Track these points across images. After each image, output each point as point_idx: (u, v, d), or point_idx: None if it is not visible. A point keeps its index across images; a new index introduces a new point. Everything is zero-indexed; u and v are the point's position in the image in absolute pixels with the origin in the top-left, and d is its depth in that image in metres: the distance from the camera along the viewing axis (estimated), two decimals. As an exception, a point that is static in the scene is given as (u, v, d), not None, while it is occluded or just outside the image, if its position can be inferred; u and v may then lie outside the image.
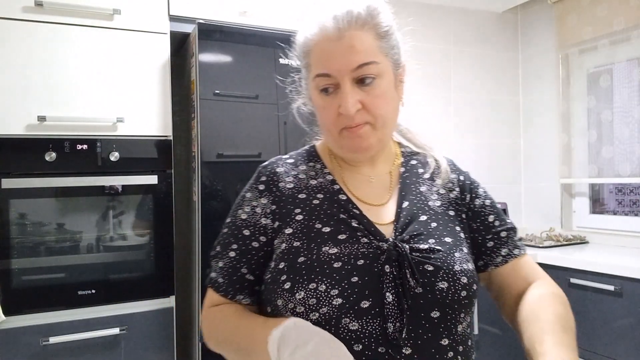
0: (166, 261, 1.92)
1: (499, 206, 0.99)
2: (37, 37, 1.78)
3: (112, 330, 1.80)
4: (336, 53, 0.79)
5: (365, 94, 0.80)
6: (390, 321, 0.74)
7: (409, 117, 1.10)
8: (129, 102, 1.89)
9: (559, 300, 0.86)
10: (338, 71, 0.79)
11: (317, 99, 0.84)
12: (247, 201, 0.89)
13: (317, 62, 0.82)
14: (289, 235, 0.82)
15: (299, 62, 0.88)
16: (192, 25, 1.99)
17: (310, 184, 0.89)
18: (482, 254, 0.92)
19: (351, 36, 0.79)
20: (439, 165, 0.97)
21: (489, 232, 0.93)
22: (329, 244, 0.79)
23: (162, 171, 1.93)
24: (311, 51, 0.83)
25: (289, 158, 0.94)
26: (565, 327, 0.78)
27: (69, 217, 1.81)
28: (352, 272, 0.76)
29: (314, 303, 0.74)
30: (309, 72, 0.85)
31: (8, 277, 1.71)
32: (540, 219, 3.03)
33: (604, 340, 2.07)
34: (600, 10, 2.61)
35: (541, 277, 0.92)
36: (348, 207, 0.85)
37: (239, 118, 1.97)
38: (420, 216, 0.87)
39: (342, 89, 0.80)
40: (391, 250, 0.79)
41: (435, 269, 0.79)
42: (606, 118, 2.66)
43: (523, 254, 0.94)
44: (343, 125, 0.82)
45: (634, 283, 1.96)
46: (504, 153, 3.15)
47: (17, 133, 1.75)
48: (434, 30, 2.96)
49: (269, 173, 0.90)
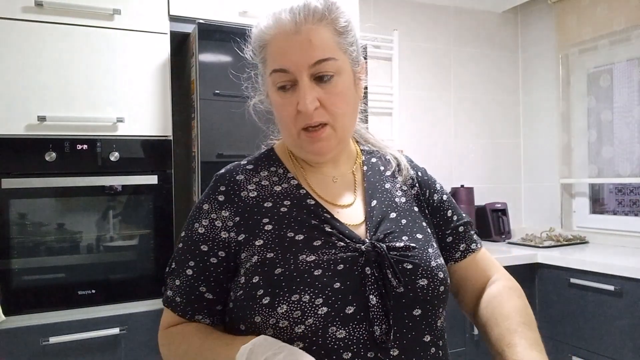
0: (166, 261, 1.91)
1: (454, 200, 1.00)
2: (37, 37, 1.78)
3: (112, 330, 1.80)
4: (293, 48, 0.76)
5: (324, 91, 0.77)
6: (376, 324, 0.73)
7: (409, 117, 1.09)
8: (129, 102, 1.89)
9: (517, 294, 0.88)
10: (295, 66, 0.76)
11: (274, 96, 0.81)
12: (204, 213, 0.82)
13: (274, 57, 0.78)
14: (260, 247, 0.77)
15: (255, 57, 0.84)
16: (192, 25, 1.99)
17: (275, 191, 0.84)
18: (441, 250, 0.92)
19: (308, 30, 0.76)
20: (399, 162, 0.96)
21: (448, 227, 0.93)
22: (305, 252, 0.76)
23: (162, 171, 1.93)
24: (267, 45, 0.79)
25: (247, 164, 0.89)
26: (527, 323, 0.80)
27: (69, 217, 1.81)
28: (334, 278, 0.74)
29: (298, 315, 0.71)
30: (265, 67, 0.81)
31: (8, 277, 1.71)
32: (540, 219, 3.03)
33: (604, 340, 2.07)
34: (600, 10, 2.61)
35: (497, 271, 0.94)
36: (318, 212, 0.81)
37: (239, 118, 1.97)
38: (390, 214, 0.85)
39: (300, 85, 0.77)
40: (370, 251, 0.77)
41: (414, 266, 0.78)
42: (606, 118, 2.66)
43: (480, 247, 0.95)
44: (302, 125, 0.78)
45: (634, 283, 1.96)
46: (504, 153, 3.15)
47: (17, 133, 1.74)
48: (434, 30, 2.96)
49: (228, 182, 0.84)
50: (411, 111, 2.87)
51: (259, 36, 0.81)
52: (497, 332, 0.79)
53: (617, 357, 2.02)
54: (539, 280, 2.36)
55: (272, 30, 0.78)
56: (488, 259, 0.95)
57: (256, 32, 0.82)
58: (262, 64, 0.83)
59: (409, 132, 2.85)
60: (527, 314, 0.83)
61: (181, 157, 2.24)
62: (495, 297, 0.86)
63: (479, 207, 2.88)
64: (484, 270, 0.93)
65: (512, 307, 0.83)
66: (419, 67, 2.91)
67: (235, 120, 1.96)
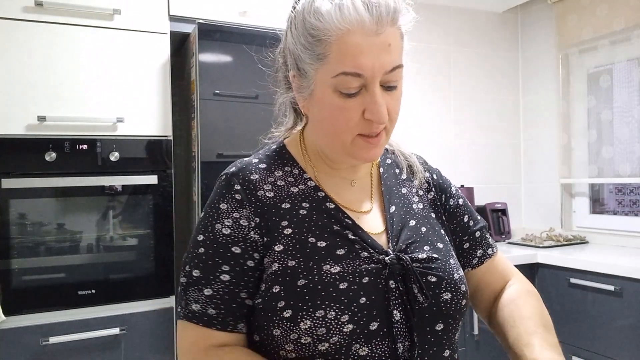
0: (166, 261, 1.92)
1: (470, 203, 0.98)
2: (37, 37, 1.78)
3: (112, 330, 1.80)
4: (373, 51, 0.67)
5: (390, 98, 0.72)
6: (399, 340, 0.70)
7: (409, 117, 1.08)
8: (129, 102, 1.89)
9: (534, 298, 0.86)
10: (372, 72, 0.68)
11: (331, 98, 0.70)
12: (224, 213, 0.74)
13: (344, 57, 0.68)
14: (280, 254, 0.72)
15: (303, 48, 0.71)
16: (192, 25, 1.99)
17: (292, 192, 0.78)
18: (458, 256, 0.88)
19: (388, 33, 0.68)
20: (411, 163, 0.90)
21: (465, 234, 0.90)
22: (329, 262, 0.71)
23: (162, 171, 1.93)
24: (335, 41, 0.68)
25: (259, 162, 0.81)
26: (546, 326, 0.79)
27: (69, 217, 1.81)
28: (359, 292, 0.70)
29: (323, 333, 0.67)
30: (323, 64, 0.70)
31: (8, 277, 1.71)
32: (540, 219, 3.03)
33: (604, 340, 2.07)
34: (600, 10, 2.61)
35: (514, 275, 0.92)
36: (339, 217, 0.76)
37: (239, 118, 1.97)
38: (409, 221, 0.81)
39: (372, 92, 0.69)
40: (394, 264, 0.73)
41: (438, 279, 0.75)
42: (606, 118, 2.66)
43: (496, 251, 0.92)
44: (362, 132, 0.72)
45: (634, 283, 1.96)
46: (504, 153, 3.14)
47: (17, 133, 1.74)
48: (434, 30, 2.96)
49: (243, 181, 0.77)
50: (411, 111, 2.87)
51: (323, 27, 0.68)
52: (515, 333, 0.77)
53: (617, 357, 2.02)
54: (539, 281, 2.36)
55: (345, 25, 0.67)
56: (504, 264, 0.93)
57: (315, 21, 0.69)
58: (317, 60, 0.70)
59: (409, 132, 2.85)
60: (544, 317, 0.81)
61: (181, 157, 2.24)
62: (513, 301, 0.84)
63: (479, 207, 2.88)
64: (501, 275, 0.91)
65: (530, 310, 0.81)
66: (419, 67, 2.91)
67: (235, 120, 1.96)
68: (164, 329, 1.89)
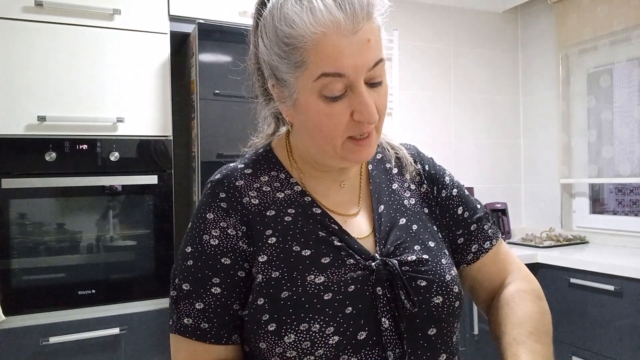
0: (166, 261, 1.92)
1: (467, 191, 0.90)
2: (37, 37, 1.78)
3: (112, 330, 1.80)
4: (351, 50, 0.64)
5: (377, 95, 0.68)
6: (389, 349, 0.68)
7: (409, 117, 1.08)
8: (129, 102, 1.89)
9: (531, 298, 0.81)
10: (354, 71, 0.65)
11: (316, 104, 0.67)
12: (211, 223, 0.72)
13: (324, 61, 0.64)
14: (264, 264, 0.70)
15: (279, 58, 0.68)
16: (192, 25, 1.99)
17: (277, 198, 0.75)
18: (453, 252, 0.84)
19: (365, 29, 0.64)
20: (399, 156, 0.86)
21: (458, 227, 0.85)
22: (314, 271, 0.69)
23: (162, 171, 1.93)
24: (313, 47, 0.64)
25: (245, 167, 0.78)
26: (539, 332, 0.75)
27: (69, 217, 1.81)
28: (345, 302, 0.68)
29: (308, 346, 0.66)
30: (303, 71, 0.66)
31: (8, 277, 1.71)
32: (540, 219, 3.03)
33: (604, 340, 2.07)
34: (600, 10, 2.61)
35: (514, 270, 0.87)
36: (325, 222, 0.74)
37: (239, 118, 1.97)
38: (399, 220, 0.78)
39: (359, 92, 0.66)
40: (381, 270, 0.71)
41: (428, 283, 0.73)
42: (606, 118, 2.66)
43: (494, 245, 0.86)
44: (353, 133, 0.69)
45: (634, 283, 1.96)
46: (504, 153, 3.14)
47: (17, 133, 1.74)
48: (434, 30, 2.96)
49: (228, 188, 0.74)
50: (411, 111, 2.87)
51: (296, 34, 0.64)
52: (504, 342, 0.75)
53: (617, 357, 2.02)
54: (539, 281, 2.32)
55: (319, 28, 0.63)
56: (504, 258, 0.87)
57: (287, 29, 0.65)
58: (294, 68, 0.67)
59: (409, 132, 2.85)
60: (538, 322, 0.77)
61: (181, 157, 2.24)
62: (508, 303, 0.80)
63: (479, 207, 2.88)
64: (499, 270, 0.86)
65: (523, 315, 0.77)
66: (419, 67, 2.91)
67: (235, 120, 1.96)
68: (164, 329, 1.90)
